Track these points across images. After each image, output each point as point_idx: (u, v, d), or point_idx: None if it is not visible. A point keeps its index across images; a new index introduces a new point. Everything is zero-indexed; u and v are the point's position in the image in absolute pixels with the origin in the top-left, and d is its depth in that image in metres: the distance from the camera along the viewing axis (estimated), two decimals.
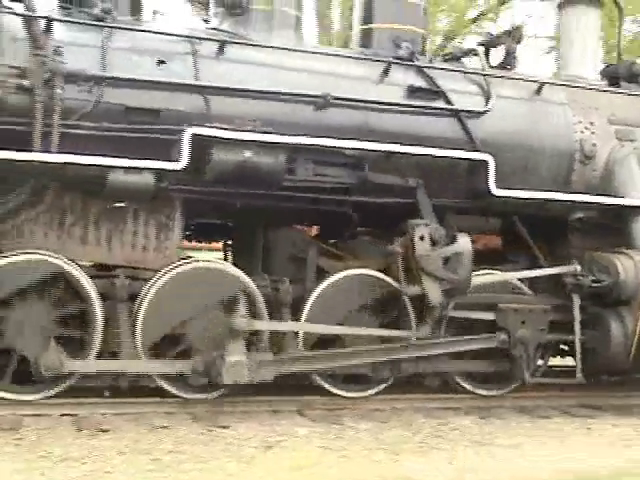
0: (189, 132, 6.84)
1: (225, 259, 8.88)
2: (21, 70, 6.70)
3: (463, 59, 8.84)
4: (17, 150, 6.40)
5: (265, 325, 7.37)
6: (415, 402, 7.86)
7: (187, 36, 7.49)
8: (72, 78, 6.85)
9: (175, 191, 7.09)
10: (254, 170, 7.07)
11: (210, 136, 6.89)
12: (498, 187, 7.84)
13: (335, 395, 7.72)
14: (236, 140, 6.94)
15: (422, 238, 7.46)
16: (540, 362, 8.53)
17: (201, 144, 6.89)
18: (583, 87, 8.81)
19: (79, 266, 7.05)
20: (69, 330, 7.01)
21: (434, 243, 7.54)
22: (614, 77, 9.32)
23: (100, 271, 7.33)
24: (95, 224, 7.23)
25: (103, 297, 7.05)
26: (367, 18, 8.64)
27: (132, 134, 6.97)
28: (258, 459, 5.77)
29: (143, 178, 6.77)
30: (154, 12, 7.97)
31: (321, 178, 7.46)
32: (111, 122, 6.93)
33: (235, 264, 7.89)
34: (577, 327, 8.19)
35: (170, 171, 6.84)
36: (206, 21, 8.36)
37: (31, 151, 6.57)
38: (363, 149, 7.40)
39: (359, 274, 7.81)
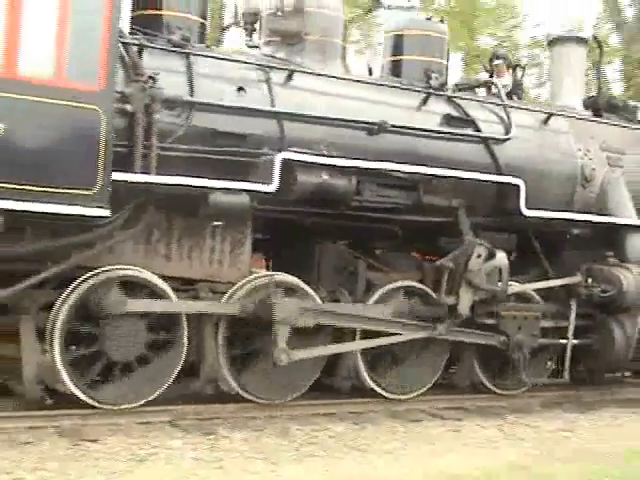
0: (280, 157, 7.37)
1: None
2: (123, 95, 7.01)
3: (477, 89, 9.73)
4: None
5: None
6: (288, 409, 7.80)
7: (261, 65, 7.99)
8: (168, 103, 7.21)
9: (259, 210, 7.57)
10: (329, 191, 7.68)
11: (300, 161, 7.44)
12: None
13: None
14: (321, 164, 7.52)
15: (479, 256, 8.30)
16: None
17: (287, 167, 7.42)
18: (583, 118, 9.88)
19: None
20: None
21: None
22: (596, 108, 10.46)
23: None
24: (178, 241, 7.60)
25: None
26: (396, 50, 9.37)
27: (220, 156, 7.41)
28: (130, 474, 5.55)
29: (240, 199, 7.24)
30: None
31: (382, 199, 8.12)
32: (200, 145, 7.36)
33: None
34: (571, 332, 9.23)
35: (262, 193, 7.33)
36: (255, 47, 8.83)
37: (133, 172, 6.91)
38: (436, 175, 8.14)
39: (405, 286, 8.53)
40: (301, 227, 8.26)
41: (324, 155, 7.66)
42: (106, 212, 6.63)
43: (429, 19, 9.56)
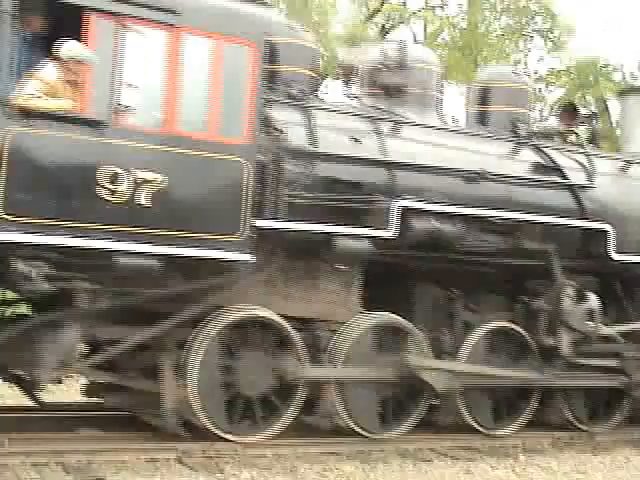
0: (398, 204, 7.87)
1: None
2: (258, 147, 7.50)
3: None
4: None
5: (436, 364, 8.42)
6: (298, 447, 7.63)
7: (371, 116, 8.52)
8: (294, 154, 7.72)
9: (375, 255, 8.04)
10: (439, 236, 8.18)
11: (418, 209, 7.94)
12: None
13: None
14: (437, 212, 8.03)
15: (570, 296, 8.78)
16: None
17: (403, 214, 7.92)
18: None
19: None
20: None
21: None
22: None
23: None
24: (297, 282, 8.07)
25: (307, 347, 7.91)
26: (483, 100, 9.90)
27: (338, 203, 7.89)
28: None
29: (363, 244, 7.74)
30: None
31: (483, 243, 8.61)
32: (321, 192, 7.85)
33: None
34: None
35: (382, 238, 7.82)
36: (355, 97, 9.37)
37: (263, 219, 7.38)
38: (538, 222, 8.68)
39: (501, 327, 9.00)
40: (401, 268, 8.71)
41: (435, 202, 8.15)
42: (249, 257, 7.11)
43: (515, 73, 10.08)
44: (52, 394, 8.03)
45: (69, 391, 10.36)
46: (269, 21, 7.43)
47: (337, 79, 9.48)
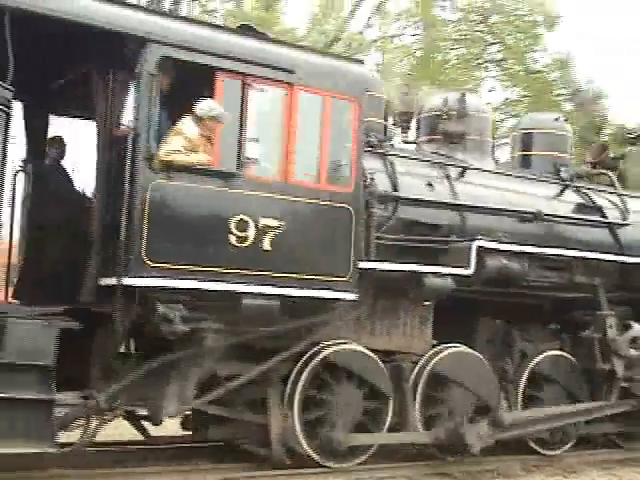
0: (476, 244, 8.53)
1: None
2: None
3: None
4: None
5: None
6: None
7: (441, 163, 9.19)
8: (381, 199, 8.32)
9: (455, 291, 8.67)
10: (508, 273, 8.85)
11: (492, 248, 8.61)
12: None
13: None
14: (506, 251, 8.71)
15: (611, 326, 9.53)
16: None
17: (479, 253, 8.58)
18: None
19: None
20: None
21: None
22: None
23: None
24: (380, 318, 8.63)
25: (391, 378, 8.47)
26: (526, 146, 10.66)
27: (419, 244, 8.52)
28: None
29: (447, 282, 8.37)
30: None
31: (544, 279, 9.31)
32: (403, 234, 8.47)
33: None
34: None
35: (462, 276, 8.46)
36: (413, 143, 10.02)
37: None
38: (591, 258, 9.39)
39: (557, 355, 9.70)
40: (468, 303, 9.34)
41: (504, 242, 8.83)
42: (355, 296, 7.68)
43: (557, 119, 10.86)
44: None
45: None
46: (367, 77, 8.05)
47: (394, 125, 10.01)
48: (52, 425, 6.35)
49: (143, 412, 7.76)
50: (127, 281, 6.56)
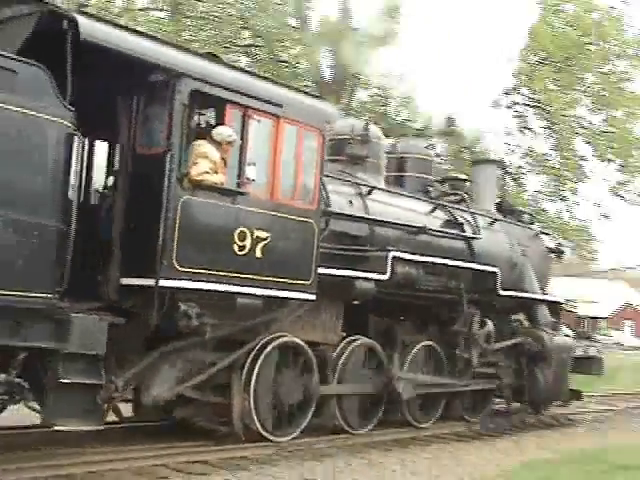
0: (391, 254, 10.32)
1: None
2: None
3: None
4: None
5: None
6: None
7: (357, 183, 10.84)
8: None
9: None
10: (410, 278, 10.74)
11: (403, 258, 10.44)
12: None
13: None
14: (412, 260, 10.59)
15: (476, 322, 11.77)
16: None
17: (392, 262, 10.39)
18: (508, 221, 13.82)
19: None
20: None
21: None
22: (501, 212, 14.44)
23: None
24: (307, 316, 10.08)
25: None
26: (400, 168, 12.60)
27: (344, 252, 10.15)
28: None
29: (371, 285, 10.07)
30: None
31: (429, 283, 11.30)
32: (334, 243, 10.03)
33: None
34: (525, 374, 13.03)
35: (380, 281, 10.21)
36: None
37: None
38: (465, 267, 11.50)
39: (429, 344, 11.76)
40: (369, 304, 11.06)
41: (410, 252, 10.71)
42: (314, 296, 9.16)
43: (427, 147, 12.90)
44: None
45: None
46: (329, 112, 9.51)
47: None
48: (101, 406, 7.28)
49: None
50: (163, 283, 7.59)
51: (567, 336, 14.05)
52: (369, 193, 11.00)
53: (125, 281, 7.80)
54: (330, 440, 10.02)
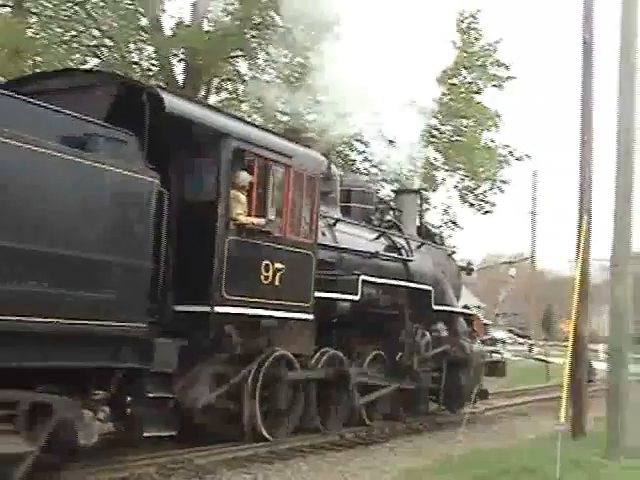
0: (361, 278, 12.15)
1: None
2: None
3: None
4: None
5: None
6: None
7: (325, 216, 12.58)
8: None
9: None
10: (372, 299, 12.63)
11: (368, 280, 12.30)
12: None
13: None
14: (377, 284, 12.46)
15: (419, 334, 13.82)
16: None
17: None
18: (436, 246, 15.96)
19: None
20: None
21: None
22: (419, 234, 16.56)
23: None
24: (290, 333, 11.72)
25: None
26: (347, 199, 14.42)
27: (324, 276, 11.90)
28: None
29: (347, 304, 11.87)
30: None
31: (385, 302, 13.21)
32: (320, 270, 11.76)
33: None
34: (444, 377, 15.15)
35: (352, 301, 12.03)
36: None
37: None
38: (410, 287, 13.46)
39: (378, 353, 13.66)
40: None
41: (373, 276, 12.57)
42: (312, 316, 10.86)
43: (367, 182, 14.77)
44: None
45: None
46: (323, 161, 11.24)
47: None
48: (173, 415, 8.71)
49: None
50: (218, 309, 9.10)
51: (481, 343, 16.33)
52: (334, 224, 12.77)
53: (179, 308, 9.22)
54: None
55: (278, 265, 10.13)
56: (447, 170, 25.44)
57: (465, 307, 16.84)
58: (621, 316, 11.08)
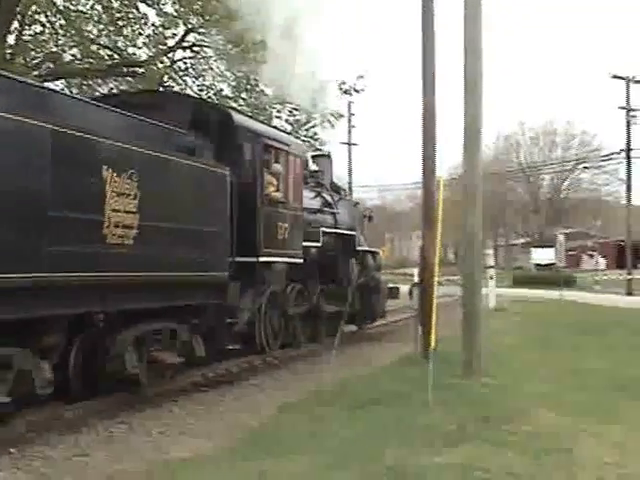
0: (321, 229, 16.28)
1: None
2: None
3: None
4: None
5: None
6: None
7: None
8: None
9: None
10: (327, 244, 16.78)
11: (325, 231, 16.45)
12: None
13: None
14: (332, 233, 16.66)
15: (351, 267, 18.20)
16: None
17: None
18: (342, 198, 20.21)
19: None
20: None
21: None
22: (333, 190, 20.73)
23: None
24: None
25: None
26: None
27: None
28: None
29: (315, 250, 15.98)
30: None
31: (331, 247, 17.37)
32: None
33: None
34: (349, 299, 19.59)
35: (317, 247, 16.16)
36: None
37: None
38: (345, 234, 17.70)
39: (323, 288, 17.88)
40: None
41: (328, 227, 16.74)
42: (302, 260, 14.92)
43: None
44: None
45: None
46: (305, 148, 15.17)
47: None
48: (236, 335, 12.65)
49: None
50: (261, 259, 13.00)
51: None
52: None
53: (237, 259, 12.93)
54: None
55: (285, 225, 14.07)
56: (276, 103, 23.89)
57: None
58: (472, 243, 11.79)
